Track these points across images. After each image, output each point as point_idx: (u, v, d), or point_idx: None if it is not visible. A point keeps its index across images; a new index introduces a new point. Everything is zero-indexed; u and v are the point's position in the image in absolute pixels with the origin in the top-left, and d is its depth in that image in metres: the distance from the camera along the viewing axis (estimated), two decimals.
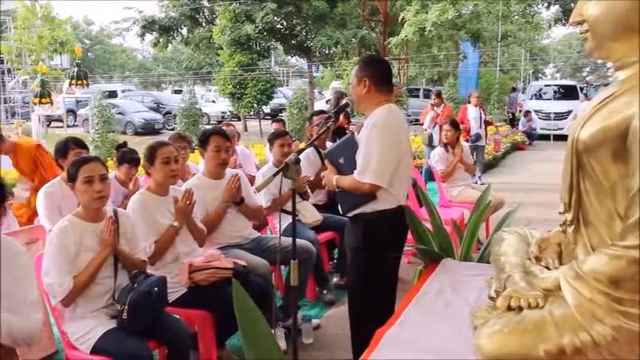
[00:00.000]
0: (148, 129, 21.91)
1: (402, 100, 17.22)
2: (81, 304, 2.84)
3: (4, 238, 2.26)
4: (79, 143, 4.28)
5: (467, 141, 9.38)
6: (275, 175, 2.37)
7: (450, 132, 6.24)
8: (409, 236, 3.16)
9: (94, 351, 2.76)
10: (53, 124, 21.01)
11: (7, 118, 18.09)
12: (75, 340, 2.84)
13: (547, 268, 1.90)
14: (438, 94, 10.54)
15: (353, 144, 2.94)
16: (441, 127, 9.92)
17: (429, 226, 3.36)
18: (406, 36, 17.16)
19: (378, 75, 2.97)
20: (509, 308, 1.76)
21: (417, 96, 24.32)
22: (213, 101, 28.84)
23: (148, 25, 21.49)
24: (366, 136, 2.85)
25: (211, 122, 22.94)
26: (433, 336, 2.06)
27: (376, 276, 2.95)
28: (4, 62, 16.89)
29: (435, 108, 10.17)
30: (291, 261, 2.35)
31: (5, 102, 19.10)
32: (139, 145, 3.71)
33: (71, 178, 2.87)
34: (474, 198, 5.48)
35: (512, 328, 1.68)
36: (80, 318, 2.85)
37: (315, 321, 4.06)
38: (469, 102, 10.45)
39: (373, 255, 2.93)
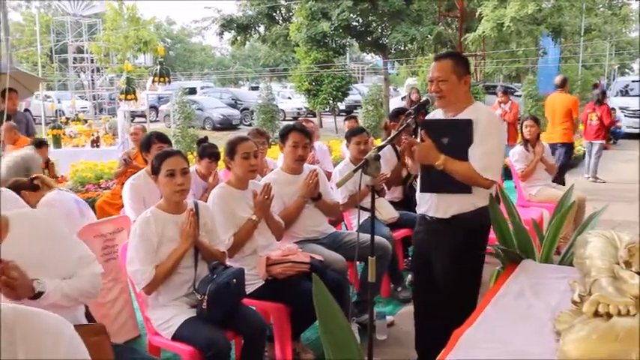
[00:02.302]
0: (226, 124, 22.44)
1: (479, 97, 16.84)
2: (163, 292, 2.96)
3: (18, 212, 2.32)
4: (161, 138, 4.44)
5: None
6: (355, 171, 2.38)
7: (533, 127, 6.03)
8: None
9: (175, 337, 2.86)
10: (137, 119, 21.89)
11: (95, 114, 18.99)
12: (157, 327, 2.96)
13: (638, 274, 1.82)
14: (505, 91, 10.27)
15: (466, 128, 2.87)
16: (509, 124, 9.69)
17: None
18: (483, 32, 16.78)
19: (468, 71, 2.98)
20: (596, 314, 1.70)
21: (494, 93, 23.68)
22: (289, 97, 29.17)
23: (227, 24, 22.02)
24: (486, 132, 2.83)
25: (287, 118, 23.25)
26: (512, 338, 2.02)
27: (473, 277, 2.93)
28: (94, 61, 17.73)
29: (502, 105, 9.91)
30: (369, 257, 2.35)
31: (94, 99, 20.07)
32: (217, 140, 3.82)
33: (154, 171, 2.99)
34: (554, 197, 5.30)
35: (601, 335, 1.62)
36: (162, 306, 2.96)
37: (389, 318, 4.05)
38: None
39: (474, 256, 2.92)
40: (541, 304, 2.28)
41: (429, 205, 3.05)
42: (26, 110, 20.58)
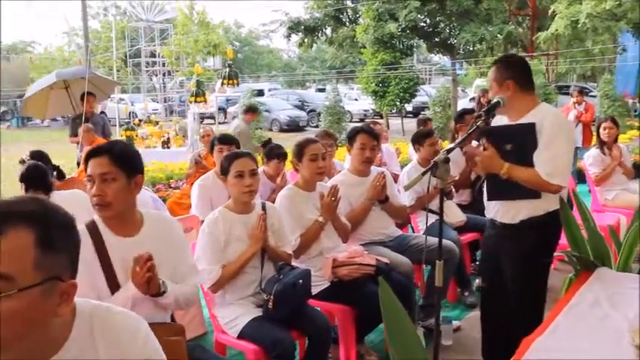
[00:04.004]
0: (293, 126, 22.67)
1: (551, 97, 16.32)
2: (230, 291, 3.01)
3: (155, 212, 2.49)
4: (224, 140, 4.54)
5: None
6: (424, 173, 2.35)
7: (612, 130, 5.75)
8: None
9: (241, 336, 2.91)
10: (206, 121, 22.42)
11: (166, 115, 19.59)
12: (224, 325, 3.02)
13: None
14: (580, 91, 9.86)
15: (529, 133, 2.80)
16: (584, 126, 9.33)
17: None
18: (557, 30, 16.21)
19: (522, 75, 2.87)
20: None
21: (567, 93, 22.85)
22: (356, 99, 29.16)
23: (294, 26, 22.24)
24: (552, 135, 2.75)
25: (354, 120, 23.25)
26: (586, 349, 1.94)
27: (541, 283, 2.86)
28: (165, 65, 18.29)
29: (576, 106, 9.55)
30: (437, 261, 2.32)
31: (165, 101, 20.70)
32: (284, 141, 3.87)
33: (223, 172, 3.05)
34: (632, 203, 5.08)
35: None
36: (229, 304, 3.02)
37: (455, 323, 3.99)
38: None
39: (542, 261, 2.85)
40: (618, 315, 2.19)
41: (497, 210, 2.99)
42: (102, 112, 21.47)
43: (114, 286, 2.24)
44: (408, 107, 22.80)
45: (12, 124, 28.77)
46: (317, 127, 18.00)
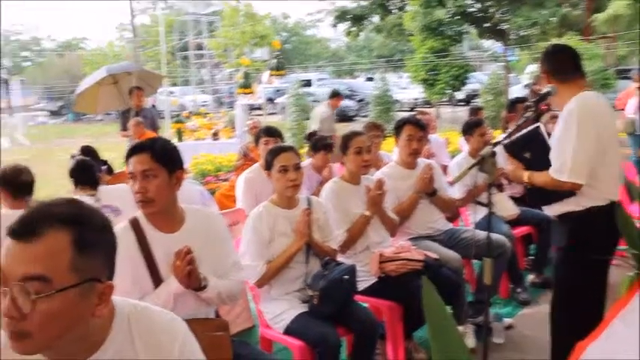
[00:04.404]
0: (342, 116, 22.51)
1: (609, 83, 15.70)
2: (275, 286, 2.98)
3: (197, 207, 2.49)
4: (269, 132, 4.50)
5: None
6: (470, 168, 2.26)
7: None
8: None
9: (286, 332, 2.88)
10: (254, 112, 22.54)
11: (215, 107, 19.78)
12: (270, 320, 2.99)
13: None
14: None
15: (537, 136, 2.77)
16: None
17: None
18: (616, 10, 15.56)
19: (559, 67, 2.76)
20: None
21: (629, 77, 21.92)
22: (405, 88, 28.80)
23: (341, 15, 22.12)
24: (558, 131, 2.66)
25: (403, 109, 22.96)
26: None
27: (583, 280, 2.71)
28: (213, 57, 18.47)
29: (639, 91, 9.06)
30: (485, 259, 2.22)
31: (214, 93, 20.91)
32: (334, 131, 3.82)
33: (267, 166, 3.02)
34: None
35: None
36: (275, 300, 2.99)
37: (506, 320, 3.84)
38: None
39: (580, 257, 2.70)
40: None
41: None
42: (152, 106, 21.85)
43: (157, 281, 2.27)
44: (460, 95, 22.39)
45: (68, 118, 29.67)
46: (366, 116, 17.83)
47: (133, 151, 2.29)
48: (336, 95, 10.17)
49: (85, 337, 1.29)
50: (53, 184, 3.86)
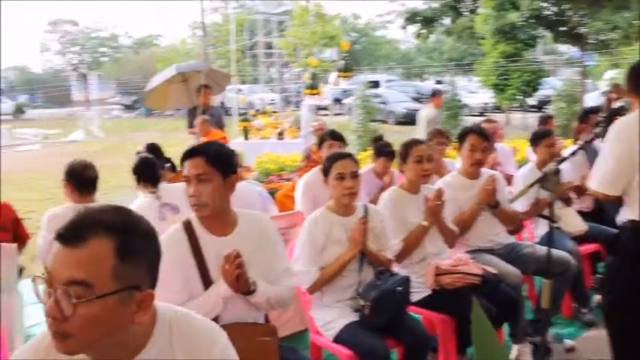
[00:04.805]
0: (409, 119, 22.27)
1: None
2: (327, 293, 2.96)
3: (250, 212, 2.50)
4: (333, 135, 4.48)
5: None
6: (530, 186, 2.16)
7: None
8: None
9: (336, 340, 2.86)
10: (321, 112, 22.59)
11: (284, 106, 19.96)
12: (320, 327, 2.98)
13: None
14: None
15: (590, 147, 2.78)
16: None
17: None
18: None
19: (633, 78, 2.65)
20: None
21: None
22: (475, 92, 28.21)
23: (411, 17, 21.83)
24: (605, 141, 2.59)
25: (473, 113, 22.48)
26: None
27: (633, 295, 2.56)
28: (282, 56, 18.64)
29: None
30: (544, 281, 2.12)
31: (282, 92, 21.12)
32: (399, 134, 3.77)
33: (325, 172, 3.00)
34: None
35: None
36: (326, 307, 2.97)
37: (568, 342, 3.67)
38: None
39: (630, 270, 2.56)
40: None
41: None
42: (221, 103, 22.26)
43: (207, 283, 2.30)
44: (532, 101, 21.69)
45: (141, 112, 30.67)
46: None
47: (187, 155, 2.33)
48: (436, 94, 10.15)
49: (126, 342, 1.31)
50: (122, 176, 4.02)
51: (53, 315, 1.20)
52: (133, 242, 1.25)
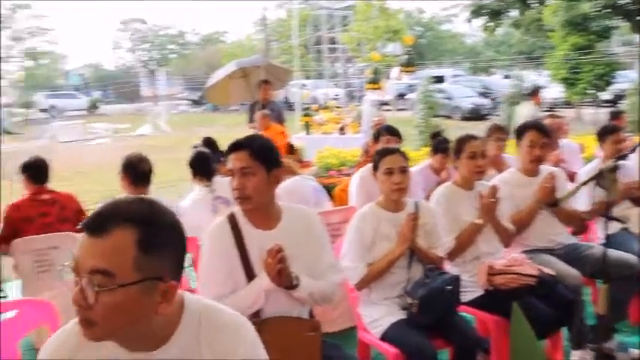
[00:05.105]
0: (475, 114, 21.83)
1: None
2: (375, 290, 2.92)
3: (296, 206, 2.49)
4: (390, 130, 4.43)
5: None
6: (584, 184, 2.04)
7: None
8: None
9: (383, 337, 2.81)
10: (384, 107, 22.39)
11: (347, 101, 19.93)
12: (367, 324, 2.94)
13: None
14: None
15: None
16: None
17: None
18: None
19: None
20: None
21: None
22: (544, 87, 27.31)
23: (476, 10, 21.36)
24: None
25: (541, 109, 21.74)
26: None
27: None
28: (345, 51, 18.61)
29: None
30: (600, 285, 2.00)
31: (346, 87, 21.11)
32: (464, 130, 3.67)
33: (374, 167, 2.95)
34: None
35: None
36: (374, 304, 2.92)
37: (634, 351, 3.45)
38: None
39: None
40: None
41: None
42: (285, 98, 22.40)
43: (250, 276, 2.30)
44: (606, 95, 20.79)
45: (207, 107, 31.31)
46: (499, 116, 17.11)
47: (232, 149, 2.34)
48: (535, 91, 9.99)
49: (151, 331, 1.33)
50: (186, 169, 4.14)
51: (78, 302, 1.23)
52: (155, 234, 1.27)
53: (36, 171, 4.00)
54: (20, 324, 2.52)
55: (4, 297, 4.42)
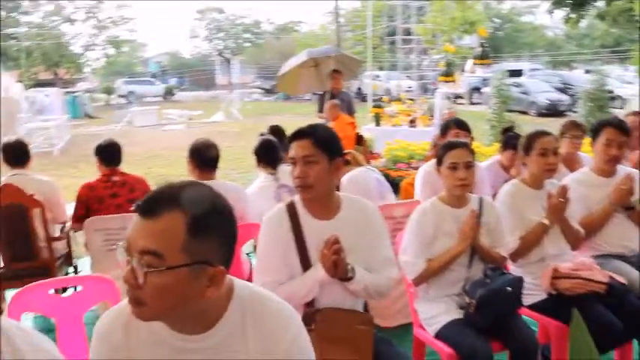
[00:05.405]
0: (553, 110, 21.05)
1: None
2: (433, 287, 2.86)
3: (359, 199, 2.46)
4: (459, 124, 4.32)
5: None
6: None
7: None
8: None
9: (437, 336, 2.76)
10: (457, 100, 21.95)
11: (421, 93, 19.70)
12: (423, 320, 2.90)
13: None
14: None
15: None
16: None
17: None
18: None
19: None
20: None
21: None
22: (630, 83, 25.94)
23: (558, 1, 20.42)
24: None
25: (624, 106, 20.69)
26: None
27: None
28: (420, 43, 18.36)
29: None
30: None
31: (420, 79, 20.86)
32: (541, 126, 3.53)
33: (438, 161, 2.89)
34: None
35: None
36: (431, 300, 2.87)
37: None
38: None
39: None
40: None
41: None
42: (358, 89, 22.33)
43: (306, 266, 2.30)
44: None
45: (279, 96, 31.63)
46: (577, 112, 16.42)
47: (294, 137, 2.33)
48: None
49: (198, 314, 1.35)
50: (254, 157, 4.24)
51: (129, 281, 1.27)
52: (205, 219, 1.28)
53: (109, 154, 4.15)
54: (85, 299, 2.62)
55: (78, 271, 4.65)
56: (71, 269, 4.61)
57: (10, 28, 33.97)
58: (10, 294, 3.26)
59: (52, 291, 2.76)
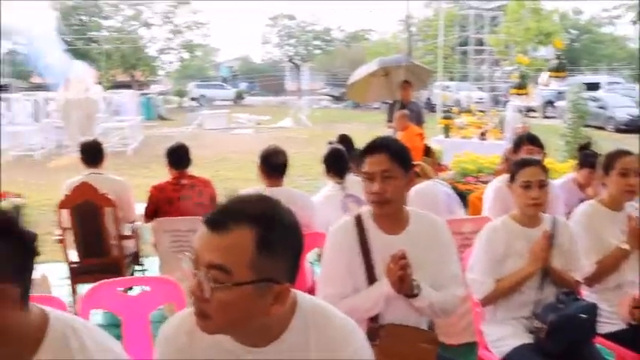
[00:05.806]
0: (632, 126, 20.14)
1: None
2: (501, 308, 2.76)
3: (427, 214, 2.41)
4: (532, 139, 4.20)
5: None
6: None
7: None
8: None
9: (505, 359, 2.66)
10: (530, 114, 21.35)
11: (492, 105, 19.28)
12: (490, 342, 2.80)
13: None
14: None
15: None
16: None
17: None
18: None
19: None
20: None
21: None
22: None
23: None
24: None
25: None
26: None
27: None
28: (493, 54, 17.96)
29: None
30: None
31: (491, 90, 20.41)
32: (619, 143, 3.37)
33: (511, 178, 2.79)
34: None
35: None
36: (498, 322, 2.77)
37: None
38: None
39: None
40: None
41: None
42: (428, 99, 22.09)
43: (372, 279, 2.28)
44: None
45: (348, 104, 31.70)
46: None
47: (369, 150, 2.30)
48: None
49: (262, 329, 1.35)
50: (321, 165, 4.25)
51: (195, 294, 1.27)
52: (274, 236, 1.27)
53: (177, 157, 4.26)
54: (151, 299, 2.68)
55: (145, 270, 4.78)
56: (138, 267, 4.75)
57: (92, 32, 35.54)
58: (81, 289, 3.38)
59: (120, 289, 2.84)
